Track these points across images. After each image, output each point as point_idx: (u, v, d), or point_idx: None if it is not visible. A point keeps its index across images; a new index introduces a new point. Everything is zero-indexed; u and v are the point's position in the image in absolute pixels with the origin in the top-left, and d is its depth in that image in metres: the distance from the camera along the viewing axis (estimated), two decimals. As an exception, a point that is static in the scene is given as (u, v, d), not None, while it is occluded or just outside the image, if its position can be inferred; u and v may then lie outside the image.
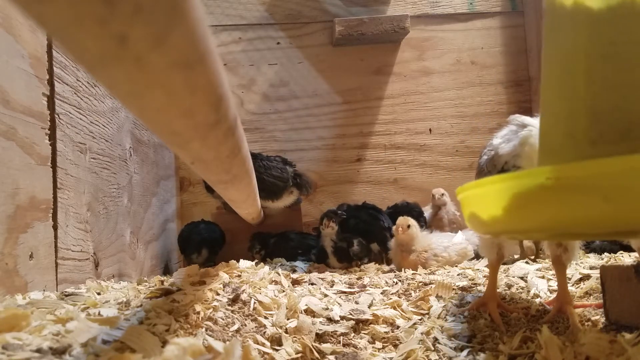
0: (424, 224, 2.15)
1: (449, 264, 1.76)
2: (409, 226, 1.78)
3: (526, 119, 1.03)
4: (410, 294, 1.30)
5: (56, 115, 1.23)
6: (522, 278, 1.36)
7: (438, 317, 1.11)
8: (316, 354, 0.90)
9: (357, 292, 1.31)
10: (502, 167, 1.04)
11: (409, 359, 0.91)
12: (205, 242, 2.16)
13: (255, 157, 2.14)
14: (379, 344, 1.00)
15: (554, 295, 1.14)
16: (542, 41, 0.74)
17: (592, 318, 1.00)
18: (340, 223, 1.97)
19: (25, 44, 1.13)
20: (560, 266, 1.08)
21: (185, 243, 2.18)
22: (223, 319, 0.95)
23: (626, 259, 1.60)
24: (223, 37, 2.63)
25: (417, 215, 2.12)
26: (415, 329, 1.04)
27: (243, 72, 2.65)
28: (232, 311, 1.00)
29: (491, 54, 2.74)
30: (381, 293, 1.32)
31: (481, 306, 1.10)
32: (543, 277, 1.34)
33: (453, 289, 1.28)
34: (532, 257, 1.81)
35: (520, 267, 1.54)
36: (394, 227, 1.81)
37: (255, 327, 0.97)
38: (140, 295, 1.07)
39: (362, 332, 1.05)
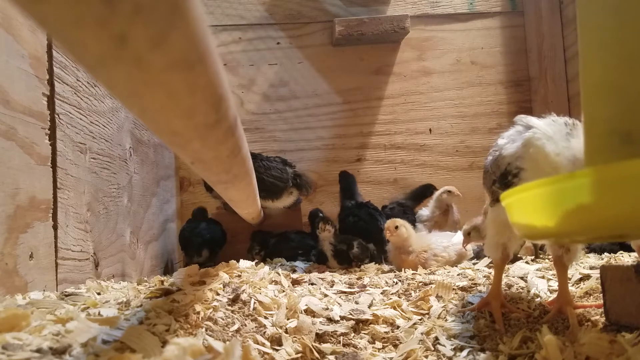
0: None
1: (448, 263, 1.76)
2: (396, 227, 1.77)
3: (531, 120, 1.01)
4: (410, 294, 1.30)
5: (56, 115, 1.23)
6: (522, 278, 1.36)
7: (438, 317, 1.11)
8: (316, 354, 0.90)
9: (357, 292, 1.31)
10: (505, 169, 1.02)
11: (409, 359, 0.91)
12: (206, 243, 2.16)
13: (255, 157, 2.14)
14: (379, 344, 1.00)
15: (554, 295, 1.14)
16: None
17: (592, 318, 1.00)
18: (339, 220, 1.98)
19: (25, 44, 1.13)
20: (561, 267, 1.08)
21: (186, 243, 2.18)
22: (223, 319, 0.95)
23: (626, 258, 1.60)
24: (223, 37, 2.63)
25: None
26: (415, 329, 1.04)
27: (243, 72, 2.65)
28: (232, 311, 1.00)
29: (491, 54, 2.74)
30: (381, 293, 1.32)
31: (485, 305, 1.10)
32: (543, 277, 1.34)
33: (453, 289, 1.28)
34: (532, 257, 1.81)
35: (520, 267, 1.54)
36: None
37: (255, 327, 0.97)
38: (140, 295, 1.07)
39: (362, 332, 1.05)
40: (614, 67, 0.63)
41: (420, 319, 1.11)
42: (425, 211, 2.30)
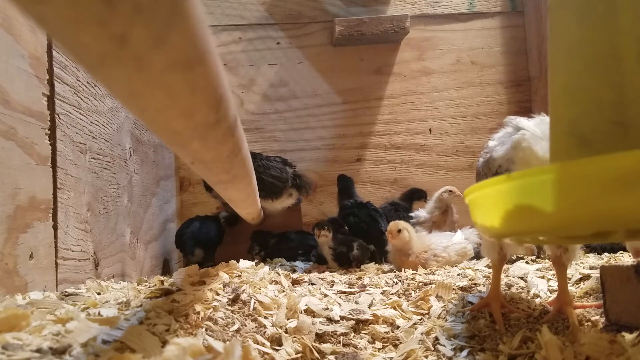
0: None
1: (448, 264, 1.76)
2: (399, 231, 1.77)
3: (520, 122, 1.01)
4: (410, 294, 1.30)
5: (56, 115, 1.23)
6: (522, 278, 1.36)
7: (438, 317, 1.11)
8: (316, 354, 0.90)
9: (357, 292, 1.31)
10: (496, 171, 1.03)
11: (409, 359, 0.91)
12: (199, 243, 2.13)
13: (255, 157, 2.13)
14: (379, 344, 1.00)
15: (554, 295, 1.14)
16: (548, 35, 0.71)
17: (592, 318, 1.00)
18: (339, 218, 1.98)
19: (25, 44, 1.13)
20: (560, 266, 1.08)
21: (178, 244, 2.17)
22: (223, 319, 0.95)
23: (626, 259, 1.60)
24: (223, 37, 2.63)
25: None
26: (415, 329, 1.04)
27: (243, 72, 2.65)
28: (232, 311, 1.00)
29: (491, 54, 2.74)
30: (381, 293, 1.32)
31: (484, 307, 1.10)
32: (543, 277, 1.34)
33: (453, 289, 1.28)
34: (533, 258, 1.81)
35: (520, 267, 1.54)
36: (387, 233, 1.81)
37: (255, 327, 0.97)
38: (140, 295, 1.07)
39: (362, 332, 1.05)
40: (576, 71, 0.65)
41: (420, 319, 1.11)
42: (422, 212, 2.30)
